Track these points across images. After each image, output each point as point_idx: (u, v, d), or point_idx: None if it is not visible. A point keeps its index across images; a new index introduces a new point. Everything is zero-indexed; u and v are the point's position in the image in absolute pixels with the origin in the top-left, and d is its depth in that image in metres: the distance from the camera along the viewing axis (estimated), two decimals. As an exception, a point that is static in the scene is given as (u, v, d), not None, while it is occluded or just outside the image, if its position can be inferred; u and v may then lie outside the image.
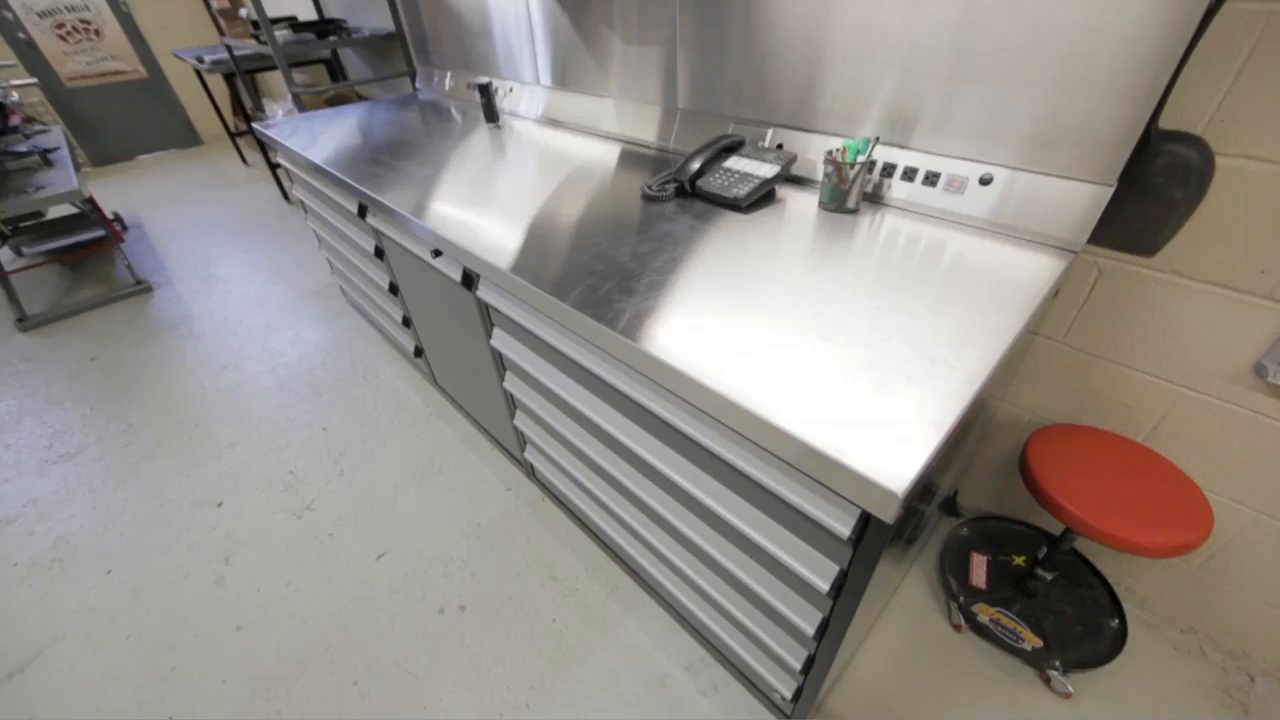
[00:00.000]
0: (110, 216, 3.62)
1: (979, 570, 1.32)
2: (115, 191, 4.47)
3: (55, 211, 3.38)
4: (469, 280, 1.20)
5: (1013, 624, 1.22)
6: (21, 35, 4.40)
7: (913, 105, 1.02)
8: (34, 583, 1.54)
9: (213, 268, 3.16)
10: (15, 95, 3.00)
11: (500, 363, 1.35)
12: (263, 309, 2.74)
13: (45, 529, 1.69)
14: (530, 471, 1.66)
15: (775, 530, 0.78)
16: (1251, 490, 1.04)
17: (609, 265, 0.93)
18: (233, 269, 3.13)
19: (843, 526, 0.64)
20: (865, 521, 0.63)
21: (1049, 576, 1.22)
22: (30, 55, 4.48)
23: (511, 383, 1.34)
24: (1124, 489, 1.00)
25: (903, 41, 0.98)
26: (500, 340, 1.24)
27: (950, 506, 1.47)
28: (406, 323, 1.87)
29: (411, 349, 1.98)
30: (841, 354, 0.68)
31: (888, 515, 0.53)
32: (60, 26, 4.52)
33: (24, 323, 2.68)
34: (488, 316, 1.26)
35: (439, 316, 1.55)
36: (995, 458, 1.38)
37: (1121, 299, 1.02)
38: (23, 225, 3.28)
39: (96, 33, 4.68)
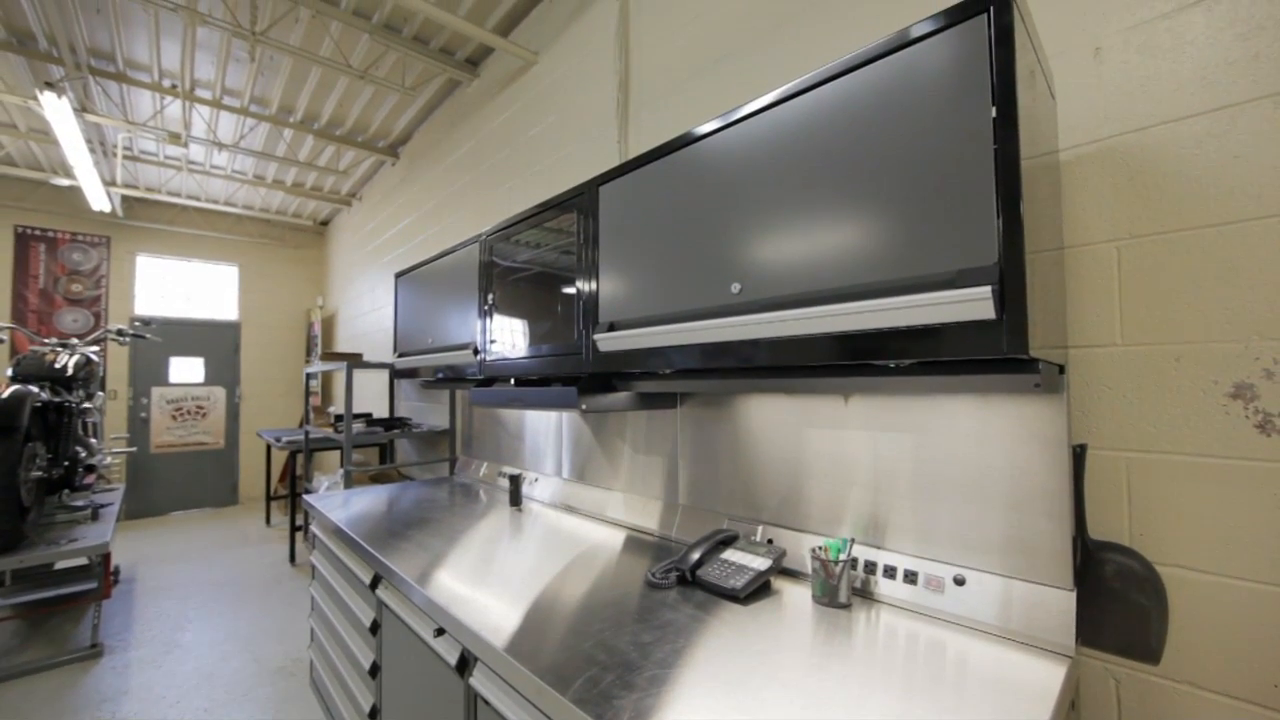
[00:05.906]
0: (111, 569, 3.60)
1: None
2: (130, 543, 4.56)
3: (63, 561, 3.39)
4: (464, 665, 1.16)
5: None
6: (143, 415, 5.39)
7: (881, 514, 1.21)
8: None
9: (181, 632, 2.95)
10: (109, 459, 3.48)
11: (472, 777, 1.15)
12: (210, 688, 2.42)
13: None
14: None
15: None
16: None
17: (612, 655, 0.94)
18: (201, 635, 2.91)
19: None
20: None
21: None
22: (139, 428, 5.37)
23: (480, 809, 1.10)
24: None
25: (864, 468, 1.25)
26: (480, 743, 1.10)
27: None
28: (373, 715, 1.65)
29: (366, 753, 1.67)
30: (855, 776, 0.63)
31: None
32: (179, 410, 5.58)
33: (-67, 693, 2.35)
34: (474, 715, 1.15)
35: (414, 709, 1.39)
36: None
37: (1157, 717, 0.95)
38: (24, 571, 3.24)
39: (204, 415, 5.72)
